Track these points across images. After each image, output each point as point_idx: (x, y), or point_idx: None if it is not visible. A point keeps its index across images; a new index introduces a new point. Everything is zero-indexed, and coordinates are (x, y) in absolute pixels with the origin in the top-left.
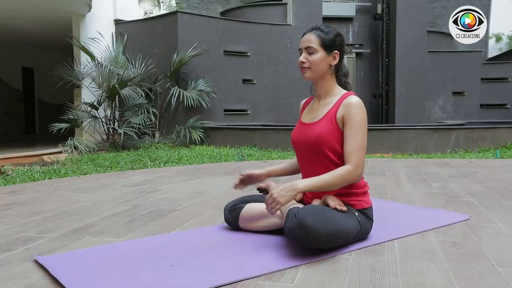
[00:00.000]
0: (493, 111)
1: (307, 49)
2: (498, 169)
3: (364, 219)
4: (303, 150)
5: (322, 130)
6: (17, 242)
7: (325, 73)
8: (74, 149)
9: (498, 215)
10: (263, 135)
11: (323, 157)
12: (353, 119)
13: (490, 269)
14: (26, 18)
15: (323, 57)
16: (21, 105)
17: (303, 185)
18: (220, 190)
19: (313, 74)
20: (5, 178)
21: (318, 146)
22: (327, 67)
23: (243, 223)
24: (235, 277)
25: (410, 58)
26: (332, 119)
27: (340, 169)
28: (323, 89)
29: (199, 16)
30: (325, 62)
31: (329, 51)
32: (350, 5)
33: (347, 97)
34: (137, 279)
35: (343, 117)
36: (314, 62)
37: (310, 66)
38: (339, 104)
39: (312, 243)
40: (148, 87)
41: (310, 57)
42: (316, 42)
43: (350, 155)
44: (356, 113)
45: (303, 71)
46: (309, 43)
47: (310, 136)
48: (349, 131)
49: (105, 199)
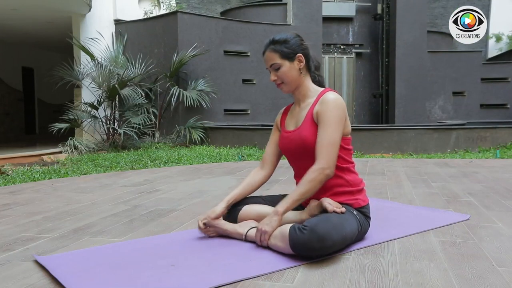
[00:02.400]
0: (493, 111)
1: (272, 66)
2: (498, 169)
3: (362, 218)
4: (294, 156)
5: (306, 134)
6: (17, 242)
7: (298, 79)
8: (74, 149)
9: (498, 215)
10: (263, 135)
11: (311, 159)
12: (325, 115)
13: (490, 269)
14: (26, 18)
15: (289, 67)
16: (21, 105)
17: (281, 208)
18: (220, 190)
19: (290, 86)
20: (5, 178)
21: (307, 149)
22: (298, 73)
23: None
24: (235, 277)
25: (410, 58)
26: (311, 119)
27: (309, 173)
28: (301, 94)
29: (199, 16)
30: (293, 71)
31: (291, 58)
32: (350, 5)
33: (323, 94)
34: (137, 279)
35: (317, 114)
36: (284, 75)
37: (282, 80)
38: (316, 103)
39: (326, 250)
40: (148, 87)
41: (278, 72)
42: (276, 56)
43: (319, 152)
44: (328, 109)
45: (279, 87)
46: (271, 60)
47: (297, 143)
48: (320, 128)
49: (105, 199)
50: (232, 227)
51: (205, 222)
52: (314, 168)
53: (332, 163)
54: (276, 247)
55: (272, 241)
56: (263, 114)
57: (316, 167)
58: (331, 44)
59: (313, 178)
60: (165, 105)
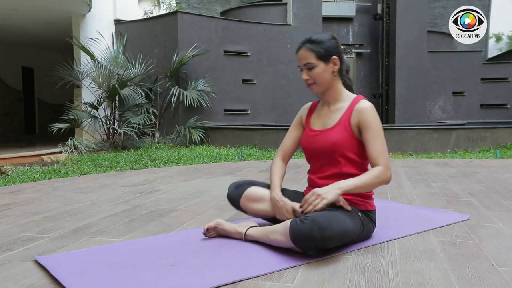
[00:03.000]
0: (493, 111)
1: (305, 65)
2: (498, 169)
3: (367, 221)
4: (316, 155)
5: (337, 137)
6: (17, 242)
7: (331, 81)
8: (74, 149)
9: (498, 215)
10: (263, 135)
11: (335, 161)
12: (371, 123)
13: (490, 269)
14: (26, 18)
15: (323, 68)
16: (21, 105)
17: (345, 185)
18: (220, 190)
19: (321, 87)
20: (5, 178)
21: (333, 152)
22: (331, 76)
23: (244, 201)
24: (235, 277)
25: (410, 58)
26: (347, 125)
27: (375, 170)
28: (332, 96)
29: (199, 16)
30: (327, 72)
31: (327, 60)
32: (350, 5)
33: (358, 102)
34: (137, 279)
35: (359, 123)
36: (317, 76)
37: (314, 81)
38: (351, 110)
39: (325, 241)
40: (148, 87)
41: (312, 72)
42: (312, 56)
43: (378, 157)
44: (371, 117)
45: (310, 87)
46: (306, 59)
47: (325, 144)
48: (369, 135)
49: (105, 199)
50: (231, 226)
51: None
52: (380, 169)
53: (390, 168)
54: (275, 241)
55: (271, 236)
56: (263, 114)
57: (382, 169)
58: None
59: (378, 176)
60: (165, 105)
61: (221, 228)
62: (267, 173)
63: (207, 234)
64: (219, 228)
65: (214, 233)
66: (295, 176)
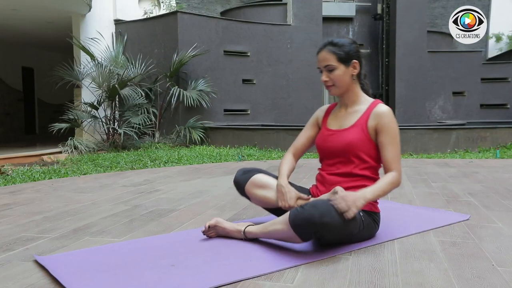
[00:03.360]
0: (493, 111)
1: (326, 67)
2: (498, 169)
3: (369, 220)
4: (330, 154)
5: (353, 137)
6: (17, 242)
7: (350, 84)
8: (74, 149)
9: (498, 215)
10: (263, 135)
11: (348, 161)
12: (388, 127)
13: (490, 269)
14: (26, 18)
15: (344, 71)
16: (21, 105)
17: (370, 194)
18: (220, 190)
19: (340, 89)
20: (5, 178)
21: (347, 152)
22: (350, 79)
23: (250, 186)
24: (235, 277)
25: (410, 58)
26: (364, 127)
27: (390, 177)
28: (350, 99)
29: (199, 16)
30: (347, 75)
31: (348, 63)
32: (350, 5)
33: (376, 106)
34: (137, 279)
35: (376, 126)
36: (337, 78)
37: (334, 83)
38: (369, 113)
39: (325, 228)
40: (148, 87)
41: (331, 74)
42: (333, 58)
43: (392, 162)
44: (389, 122)
45: (329, 89)
46: (326, 61)
47: (340, 143)
48: (386, 140)
49: (105, 199)
50: (230, 225)
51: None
52: (394, 174)
53: (401, 173)
54: (275, 232)
55: (270, 228)
56: (263, 114)
57: (396, 175)
58: None
59: (392, 182)
60: (165, 105)
61: (221, 226)
62: None
63: (207, 233)
64: (218, 227)
65: (214, 232)
66: (295, 175)
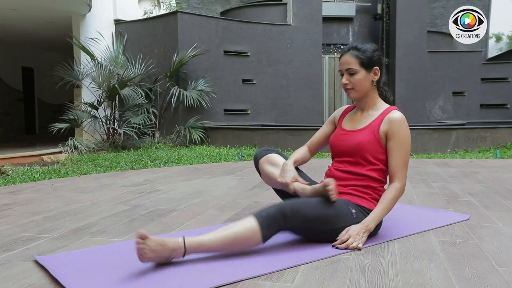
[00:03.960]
0: (493, 111)
1: (347, 70)
2: (498, 169)
3: (360, 212)
4: (341, 153)
5: (363, 138)
6: (17, 242)
7: (368, 89)
8: (74, 149)
9: (498, 215)
10: (263, 135)
11: (356, 162)
12: (399, 134)
13: (490, 269)
14: (26, 18)
15: (364, 76)
16: (21, 105)
17: (373, 224)
18: (220, 190)
19: (358, 93)
20: (5, 178)
21: (357, 152)
22: (370, 84)
23: (263, 161)
24: (235, 277)
25: (410, 58)
26: (375, 130)
27: (391, 191)
28: (367, 103)
29: (199, 16)
30: (367, 81)
31: (369, 68)
32: (350, 5)
33: (390, 111)
34: (137, 279)
35: (387, 132)
36: (357, 82)
37: (353, 87)
38: (382, 118)
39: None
40: (148, 87)
41: (352, 78)
42: (355, 62)
43: (396, 171)
44: (401, 129)
45: (347, 92)
46: (349, 65)
47: (351, 143)
48: (394, 147)
49: (105, 199)
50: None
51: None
52: (396, 185)
53: (405, 182)
54: (230, 237)
55: (224, 232)
56: (263, 114)
57: (396, 186)
58: (331, 44)
59: (395, 196)
60: (165, 105)
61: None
62: None
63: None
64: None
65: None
66: None
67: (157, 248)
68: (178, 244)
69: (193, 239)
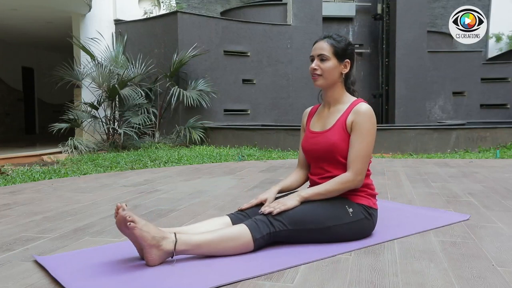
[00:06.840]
0: (493, 111)
1: (319, 56)
2: (498, 169)
3: (360, 211)
4: (315, 157)
5: (335, 138)
6: (17, 242)
7: (336, 80)
8: (74, 149)
9: (498, 215)
10: (263, 135)
11: (334, 161)
12: (360, 126)
13: (490, 269)
14: (26, 18)
15: (335, 65)
16: (21, 105)
17: (305, 193)
18: (220, 190)
19: (325, 81)
20: (5, 178)
21: (332, 154)
22: (339, 75)
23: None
24: (235, 277)
25: (410, 58)
26: (343, 126)
27: (341, 177)
28: (333, 97)
29: (199, 16)
30: (336, 70)
31: (341, 59)
32: (350, 5)
33: (357, 104)
34: (137, 279)
35: (352, 123)
36: (327, 69)
37: (322, 73)
38: (349, 111)
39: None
40: (148, 87)
41: (323, 64)
42: (329, 50)
43: (352, 162)
44: (364, 121)
45: (314, 78)
46: (322, 50)
47: (323, 145)
48: (355, 138)
49: (105, 199)
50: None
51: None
52: (347, 175)
53: (363, 174)
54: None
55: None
56: (263, 114)
57: (349, 176)
58: None
59: (344, 182)
60: (165, 105)
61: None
62: (267, 173)
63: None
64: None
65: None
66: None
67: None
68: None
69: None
